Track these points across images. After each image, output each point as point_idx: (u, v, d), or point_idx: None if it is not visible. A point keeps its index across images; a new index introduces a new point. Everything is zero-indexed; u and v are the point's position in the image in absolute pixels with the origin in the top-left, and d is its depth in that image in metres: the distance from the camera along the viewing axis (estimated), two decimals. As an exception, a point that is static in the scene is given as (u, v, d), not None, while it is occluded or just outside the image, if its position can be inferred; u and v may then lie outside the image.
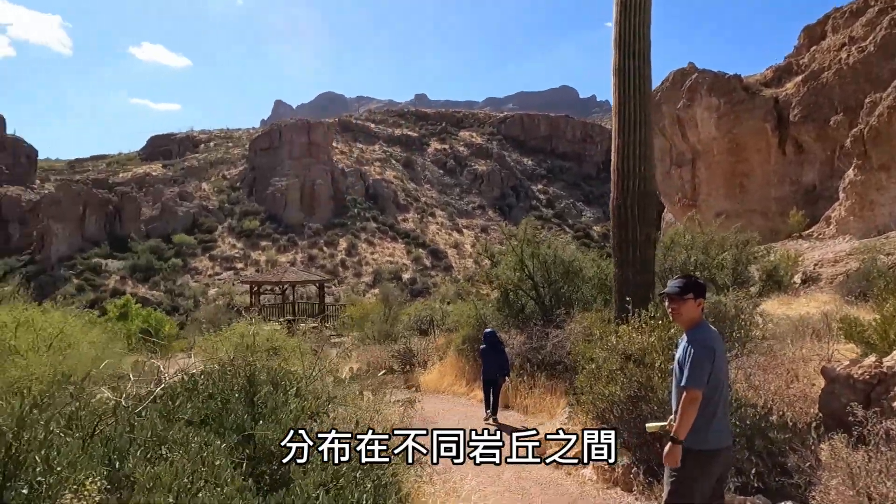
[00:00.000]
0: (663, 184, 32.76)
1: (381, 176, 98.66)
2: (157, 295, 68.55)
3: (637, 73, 6.35)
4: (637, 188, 6.28)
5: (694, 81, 28.92)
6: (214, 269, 75.85)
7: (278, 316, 24.10)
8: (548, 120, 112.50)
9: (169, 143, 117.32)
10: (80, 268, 69.50)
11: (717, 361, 3.29)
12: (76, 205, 73.90)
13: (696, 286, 3.44)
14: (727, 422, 3.42)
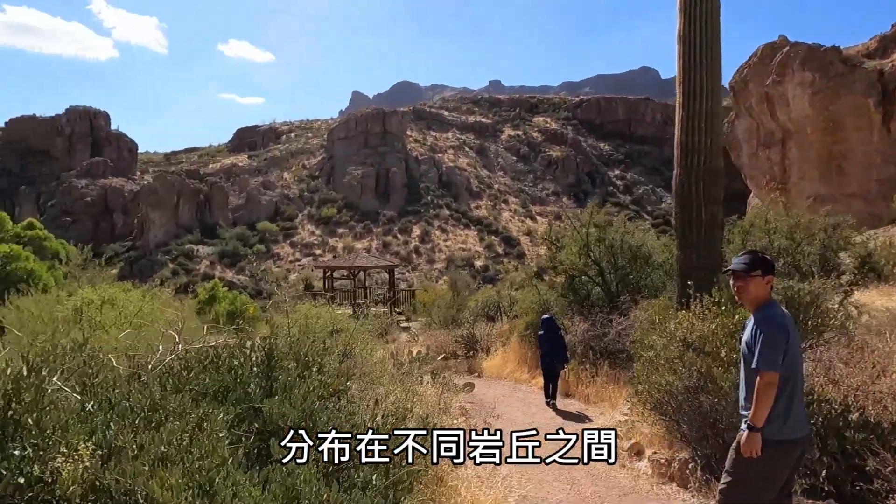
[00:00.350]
0: (749, 166, 30.81)
1: (455, 163, 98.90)
2: (243, 279, 72.32)
3: (703, 38, 5.87)
4: (702, 164, 5.83)
5: (785, 56, 26.83)
6: (295, 255, 79.00)
7: (350, 300, 24.75)
8: (626, 103, 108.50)
9: (254, 135, 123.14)
10: (174, 253, 74.46)
11: (791, 342, 3.03)
12: (171, 194, 78.99)
13: (763, 262, 3.20)
14: (803, 407, 3.16)
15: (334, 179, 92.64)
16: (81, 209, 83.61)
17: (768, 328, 3.01)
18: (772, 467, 2.96)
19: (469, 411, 8.42)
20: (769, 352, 2.95)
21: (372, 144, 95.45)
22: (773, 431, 2.97)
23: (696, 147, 5.85)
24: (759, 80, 28.59)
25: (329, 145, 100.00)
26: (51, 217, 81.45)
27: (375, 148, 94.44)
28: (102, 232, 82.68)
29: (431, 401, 5.24)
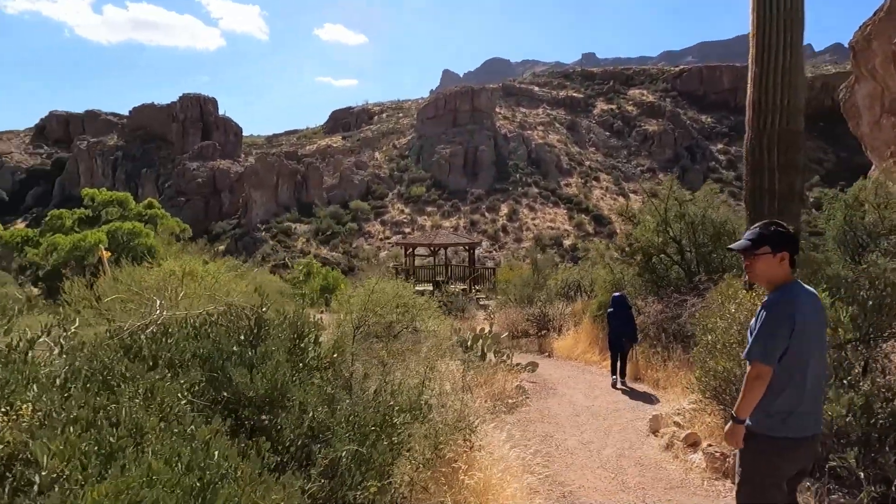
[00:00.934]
0: (871, 137, 27.63)
1: (544, 140, 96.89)
2: (336, 256, 75.40)
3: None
4: (776, 125, 5.16)
5: (918, 8, 23.55)
6: (385, 233, 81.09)
7: (430, 277, 25.02)
8: (732, 71, 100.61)
9: (347, 117, 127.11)
10: (274, 230, 78.87)
11: (799, 331, 2.64)
12: (271, 175, 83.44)
13: (773, 236, 2.75)
14: (818, 404, 2.79)
15: (423, 158, 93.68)
16: (194, 190, 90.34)
17: (768, 315, 2.67)
18: (774, 466, 2.69)
19: (528, 391, 8.22)
20: (761, 341, 2.64)
21: (460, 123, 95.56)
22: (772, 428, 2.68)
23: (771, 106, 5.18)
24: (886, 37, 25.34)
25: (418, 125, 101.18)
26: (167, 197, 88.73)
27: (464, 126, 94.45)
28: (212, 210, 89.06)
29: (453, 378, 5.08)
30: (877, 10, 26.90)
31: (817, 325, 2.79)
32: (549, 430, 6.14)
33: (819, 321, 2.83)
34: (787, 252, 2.77)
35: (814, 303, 2.82)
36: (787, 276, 2.79)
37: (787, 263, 2.78)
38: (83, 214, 43.15)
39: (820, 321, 2.84)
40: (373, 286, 10.16)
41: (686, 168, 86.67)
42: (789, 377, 2.68)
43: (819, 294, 3.83)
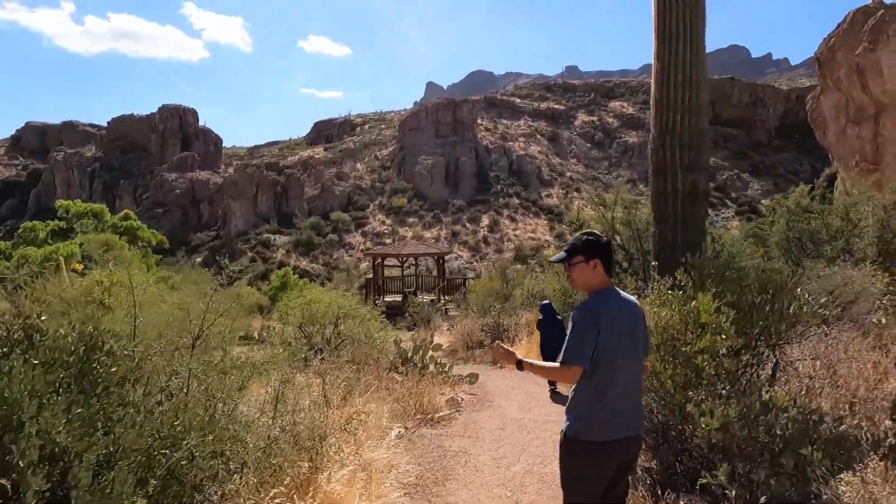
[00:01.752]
0: (837, 146, 28.01)
1: (526, 151, 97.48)
2: (316, 267, 74.81)
3: None
4: (678, 124, 4.98)
5: (879, 20, 23.99)
6: (366, 244, 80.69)
7: (400, 288, 24.69)
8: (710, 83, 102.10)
9: (330, 128, 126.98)
10: (253, 242, 78.10)
11: (606, 333, 2.72)
12: (250, 186, 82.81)
13: (585, 246, 2.91)
14: (630, 408, 2.84)
15: (405, 169, 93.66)
16: (172, 201, 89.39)
17: (575, 320, 2.78)
18: (584, 468, 2.76)
19: (463, 403, 7.94)
20: (571, 344, 2.73)
21: (442, 134, 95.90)
22: (579, 431, 2.76)
23: (673, 103, 5.00)
24: (849, 49, 25.77)
25: (400, 136, 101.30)
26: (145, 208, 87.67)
27: (446, 138, 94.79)
28: (190, 222, 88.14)
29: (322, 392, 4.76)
30: (840, 23, 27.38)
31: (629, 331, 2.84)
32: (467, 445, 5.85)
33: (633, 326, 2.87)
34: (599, 259, 2.88)
35: (630, 309, 2.90)
36: (603, 282, 2.91)
37: (601, 270, 2.90)
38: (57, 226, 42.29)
39: (634, 327, 2.88)
40: (310, 297, 9.88)
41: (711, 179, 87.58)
42: (597, 382, 2.74)
43: (705, 299, 3.61)
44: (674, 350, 3.53)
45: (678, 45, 4.96)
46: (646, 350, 3.00)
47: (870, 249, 8.27)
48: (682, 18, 4.97)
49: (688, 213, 4.97)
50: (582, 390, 2.78)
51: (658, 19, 5.09)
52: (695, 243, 4.77)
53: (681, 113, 5.00)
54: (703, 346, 3.32)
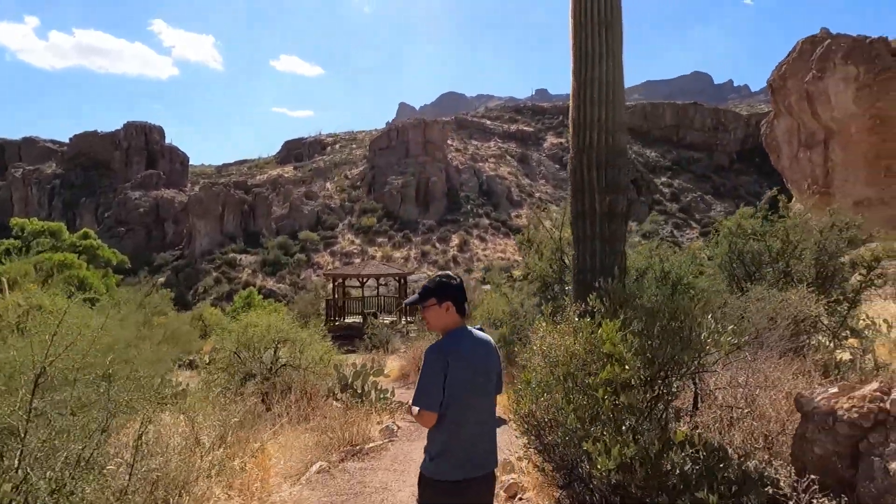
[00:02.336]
0: (790, 169, 28.80)
1: (496, 172, 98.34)
2: (283, 288, 73.61)
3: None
4: (597, 142, 4.89)
5: (826, 49, 24.86)
6: (334, 264, 79.85)
7: (360, 309, 24.27)
8: (674, 108, 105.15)
9: (300, 147, 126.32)
10: (218, 262, 76.53)
11: (456, 373, 2.74)
12: (216, 205, 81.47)
13: (437, 288, 2.96)
14: (484, 446, 2.87)
15: (375, 189, 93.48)
16: (135, 219, 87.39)
17: (425, 363, 2.82)
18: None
19: (399, 432, 7.63)
20: (421, 386, 2.76)
21: (413, 154, 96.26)
22: (433, 470, 2.79)
23: (590, 121, 4.91)
24: (799, 76, 26.64)
25: (371, 156, 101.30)
26: (107, 227, 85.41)
27: (416, 157, 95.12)
28: (154, 241, 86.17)
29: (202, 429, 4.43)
30: (790, 52, 28.35)
31: (483, 370, 2.86)
32: (390, 479, 5.57)
33: (486, 365, 2.89)
34: (451, 301, 2.92)
35: (484, 349, 2.94)
36: (455, 322, 2.94)
37: (454, 311, 2.93)
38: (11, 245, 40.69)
39: (487, 365, 2.90)
40: (246, 321, 9.49)
41: (632, 200, 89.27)
42: (449, 421, 2.76)
43: (609, 327, 3.43)
44: (576, 383, 3.35)
45: (595, 63, 4.89)
46: (499, 388, 3.01)
47: (808, 272, 8.32)
48: (598, 37, 4.91)
49: (605, 235, 4.85)
50: (436, 429, 2.79)
51: (575, 37, 5.03)
52: (612, 267, 4.64)
53: (597, 131, 4.91)
54: (605, 377, 3.14)
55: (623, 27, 5.09)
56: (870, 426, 2.49)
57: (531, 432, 4.03)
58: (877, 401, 2.55)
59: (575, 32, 5.03)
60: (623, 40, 5.12)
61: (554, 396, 3.68)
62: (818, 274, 8.36)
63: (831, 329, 7.75)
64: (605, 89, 4.92)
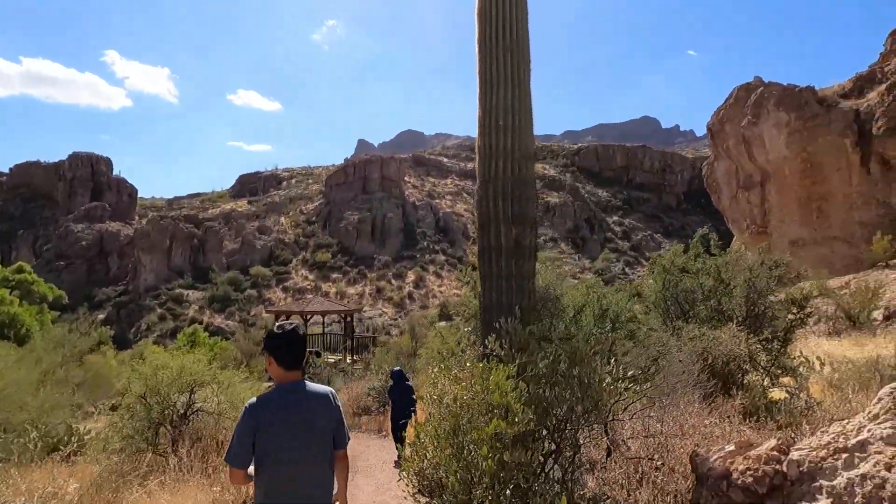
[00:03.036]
0: (731, 210, 29.76)
1: (452, 209, 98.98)
2: (231, 324, 71.17)
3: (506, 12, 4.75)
4: (503, 172, 4.67)
5: (760, 96, 26.09)
6: (286, 300, 77.94)
7: (304, 347, 23.37)
8: (624, 150, 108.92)
9: (255, 181, 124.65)
10: (163, 298, 73.60)
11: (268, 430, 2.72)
12: (164, 238, 78.90)
13: (264, 339, 3.00)
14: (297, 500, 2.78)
15: (331, 224, 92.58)
16: (77, 253, 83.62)
17: (239, 419, 2.80)
18: None
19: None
20: (230, 445, 2.74)
21: (370, 190, 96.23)
22: None
23: (496, 150, 4.70)
24: (736, 121, 27.83)
25: (327, 191, 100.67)
26: (45, 261, 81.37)
27: (373, 194, 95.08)
28: (96, 276, 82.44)
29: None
30: (727, 98, 29.69)
31: (303, 426, 2.79)
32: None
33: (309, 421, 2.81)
34: (272, 355, 2.90)
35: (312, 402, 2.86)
36: (279, 376, 2.89)
37: (275, 365, 2.90)
38: (-67, 281, 38.10)
39: (312, 421, 2.82)
40: (157, 362, 8.79)
41: (585, 238, 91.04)
42: (263, 480, 2.73)
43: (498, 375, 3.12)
44: (461, 438, 3.00)
45: (500, 90, 4.70)
46: (339, 441, 2.93)
47: (739, 310, 8.30)
48: (504, 62, 4.74)
49: (511, 271, 4.59)
50: (256, 485, 2.76)
51: (480, 63, 4.85)
52: (516, 305, 4.35)
53: (502, 160, 4.69)
54: (491, 431, 2.81)
55: (531, 54, 4.95)
56: (765, 492, 2.22)
57: (424, 492, 3.63)
58: (773, 462, 2.29)
59: (480, 57, 4.85)
60: (531, 67, 4.97)
61: (442, 453, 3.31)
62: (749, 312, 8.34)
63: (764, 367, 7.69)
64: (510, 116, 4.72)
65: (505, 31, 4.74)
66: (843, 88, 25.46)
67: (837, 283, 19.09)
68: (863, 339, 14.79)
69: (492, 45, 4.75)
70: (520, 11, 4.81)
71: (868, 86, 24.27)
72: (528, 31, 4.89)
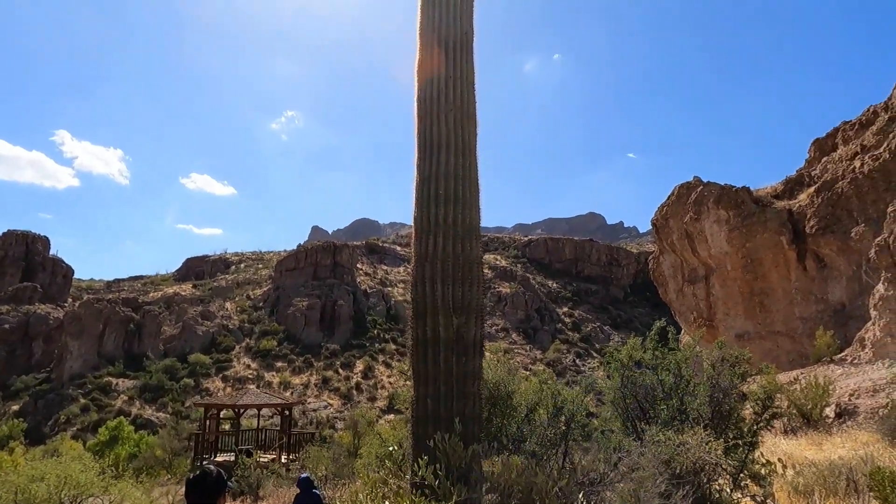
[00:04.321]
0: (677, 303, 30.21)
1: (404, 297, 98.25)
2: (163, 417, 66.08)
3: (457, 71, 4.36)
4: (444, 250, 4.07)
5: (700, 194, 27.32)
6: (226, 390, 73.53)
7: (235, 444, 21.46)
8: (573, 243, 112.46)
9: (203, 265, 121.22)
10: (89, 387, 68.23)
11: None
12: (96, 322, 74.43)
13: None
14: None
15: (278, 311, 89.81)
16: (-2, 337, 77.53)
17: None
18: None
19: None
20: None
21: (321, 276, 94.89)
22: None
23: (435, 224, 4.12)
24: (679, 217, 28.89)
25: (277, 276, 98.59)
26: (-40, 345, 74.91)
27: (324, 280, 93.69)
28: (18, 361, 76.17)
29: None
30: (670, 195, 31.02)
31: None
32: None
33: None
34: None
35: None
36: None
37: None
38: None
39: None
40: (32, 472, 7.46)
41: (536, 328, 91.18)
42: None
43: None
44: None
45: (442, 154, 4.18)
46: None
47: (703, 409, 7.82)
48: (447, 123, 4.23)
49: (451, 371, 3.83)
50: None
51: (419, 123, 4.37)
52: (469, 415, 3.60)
53: (442, 235, 4.07)
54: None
55: (477, 116, 4.55)
56: None
57: None
58: None
59: (418, 117, 4.38)
60: (477, 130, 4.54)
61: None
62: (714, 412, 7.87)
63: (731, 474, 7.13)
64: (452, 184, 4.17)
65: (448, 89, 4.32)
66: (775, 190, 27.04)
67: (786, 379, 19.15)
68: (819, 438, 14.54)
69: (433, 104, 4.31)
70: (466, 71, 4.42)
71: (798, 188, 25.84)
72: (475, 93, 4.51)
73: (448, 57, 4.16)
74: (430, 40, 4.17)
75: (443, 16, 4.20)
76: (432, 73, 4.15)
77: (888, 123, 21.90)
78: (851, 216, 21.53)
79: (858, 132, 24.32)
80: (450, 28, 4.23)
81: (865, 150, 22.24)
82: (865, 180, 21.11)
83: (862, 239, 20.67)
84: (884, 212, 19.54)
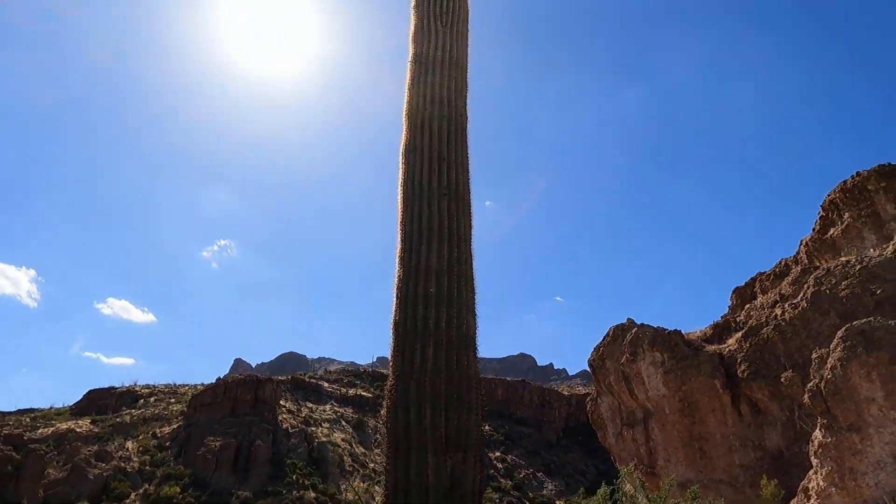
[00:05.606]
0: (617, 447, 29.30)
1: (328, 438, 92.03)
2: (27, 583, 55.65)
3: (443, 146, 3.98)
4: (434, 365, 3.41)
5: (634, 335, 27.76)
6: (112, 547, 63.63)
7: None
8: (504, 384, 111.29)
9: (108, 398, 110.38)
10: (-60, 545, 57.43)
11: None
12: (-34, 463, 64.58)
13: None
14: None
15: (187, 451, 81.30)
16: None
17: None
18: None
19: None
20: None
21: (239, 413, 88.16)
22: None
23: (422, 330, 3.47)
24: (615, 358, 29.02)
25: (190, 412, 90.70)
26: None
27: (242, 417, 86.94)
28: None
29: None
30: (605, 336, 31.33)
31: None
32: None
33: None
34: None
35: None
36: None
37: None
38: None
39: None
40: None
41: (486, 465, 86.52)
42: None
43: None
44: None
45: (434, 245, 3.60)
46: None
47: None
48: (438, 209, 3.68)
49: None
50: None
51: (405, 208, 3.85)
52: None
53: (432, 345, 3.33)
54: None
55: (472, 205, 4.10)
56: None
57: None
58: None
59: (403, 202, 3.87)
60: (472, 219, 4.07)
61: None
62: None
63: None
64: (445, 281, 3.55)
65: (441, 172, 3.93)
66: (704, 334, 27.93)
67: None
68: None
69: (421, 186, 3.87)
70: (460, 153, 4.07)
71: (726, 333, 26.82)
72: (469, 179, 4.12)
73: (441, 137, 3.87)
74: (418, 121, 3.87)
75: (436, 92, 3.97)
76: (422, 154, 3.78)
77: (802, 275, 23.60)
78: (779, 361, 22.24)
79: (774, 282, 26.05)
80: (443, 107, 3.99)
81: (784, 298, 23.64)
82: (788, 327, 22.14)
83: (791, 384, 21.16)
84: (808, 358, 20.31)
